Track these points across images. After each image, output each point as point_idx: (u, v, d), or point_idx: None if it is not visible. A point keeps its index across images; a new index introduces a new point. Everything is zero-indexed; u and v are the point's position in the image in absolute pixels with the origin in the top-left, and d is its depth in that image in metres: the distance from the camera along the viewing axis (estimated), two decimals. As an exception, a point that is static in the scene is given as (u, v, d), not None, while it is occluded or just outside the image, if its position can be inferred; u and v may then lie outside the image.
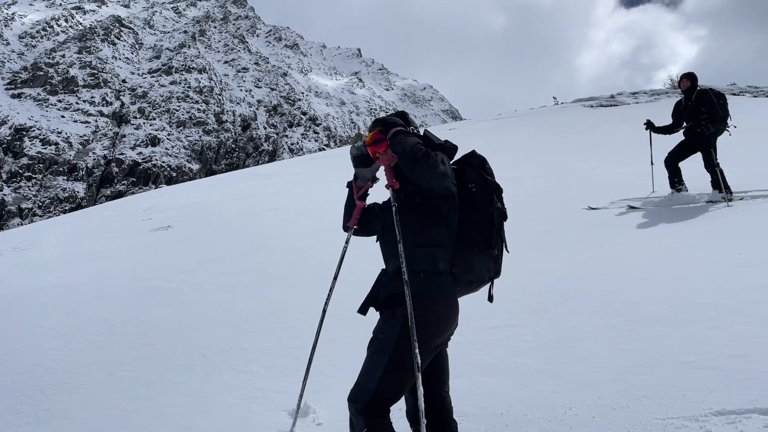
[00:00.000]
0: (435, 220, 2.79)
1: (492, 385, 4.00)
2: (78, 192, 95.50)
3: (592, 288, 5.64)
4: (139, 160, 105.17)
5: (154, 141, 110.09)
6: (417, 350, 2.54)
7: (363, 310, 2.90)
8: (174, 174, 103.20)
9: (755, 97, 24.64)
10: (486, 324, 4.95)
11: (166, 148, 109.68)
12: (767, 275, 5.20)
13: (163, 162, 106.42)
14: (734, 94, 24.10)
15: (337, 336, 5.30)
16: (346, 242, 3.05)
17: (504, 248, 2.94)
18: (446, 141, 2.96)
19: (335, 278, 3.08)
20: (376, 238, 3.02)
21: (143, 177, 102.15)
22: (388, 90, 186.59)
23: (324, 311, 3.00)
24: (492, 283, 2.97)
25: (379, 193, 3.26)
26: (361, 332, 3.21)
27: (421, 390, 2.58)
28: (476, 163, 2.95)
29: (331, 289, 3.05)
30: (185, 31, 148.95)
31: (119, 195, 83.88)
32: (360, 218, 3.07)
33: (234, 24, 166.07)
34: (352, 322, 3.51)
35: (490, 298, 2.99)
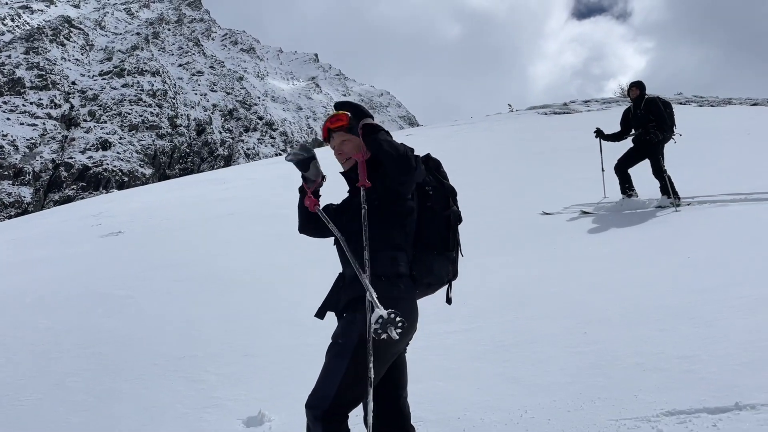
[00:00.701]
0: (394, 222, 2.77)
1: (448, 390, 4.00)
2: (24, 197, 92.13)
3: (547, 292, 5.71)
4: (90, 165, 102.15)
5: (105, 145, 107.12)
6: (372, 364, 2.50)
7: (320, 314, 2.85)
8: (126, 179, 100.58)
9: (700, 106, 25.55)
10: (443, 329, 4.97)
11: (118, 153, 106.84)
12: (713, 278, 5.37)
13: (115, 166, 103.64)
14: (681, 104, 24.96)
15: (293, 342, 5.25)
16: (327, 222, 2.83)
17: (459, 251, 2.95)
18: (402, 143, 2.94)
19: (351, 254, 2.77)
20: (333, 241, 2.97)
21: (93, 182, 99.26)
22: (345, 95, 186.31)
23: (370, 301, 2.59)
24: (450, 285, 2.97)
25: (336, 195, 3.22)
26: (318, 339, 3.17)
27: (371, 405, 2.53)
28: (432, 165, 2.95)
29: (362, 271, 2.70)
30: (138, 33, 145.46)
31: (68, 200, 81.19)
32: (314, 216, 2.96)
33: (189, 27, 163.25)
34: (309, 329, 3.46)
35: (449, 300, 2.98)
